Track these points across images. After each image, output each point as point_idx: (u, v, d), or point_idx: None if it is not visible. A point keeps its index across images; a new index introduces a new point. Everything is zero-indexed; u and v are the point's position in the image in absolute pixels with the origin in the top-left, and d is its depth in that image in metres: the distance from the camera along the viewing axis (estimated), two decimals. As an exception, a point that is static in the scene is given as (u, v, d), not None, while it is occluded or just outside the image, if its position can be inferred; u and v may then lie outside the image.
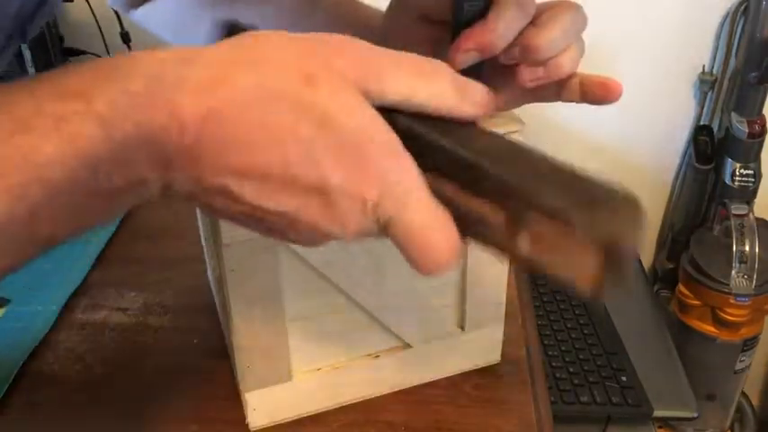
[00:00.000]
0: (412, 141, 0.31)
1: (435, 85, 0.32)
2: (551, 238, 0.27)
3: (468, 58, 0.38)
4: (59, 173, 0.27)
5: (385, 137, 0.30)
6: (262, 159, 0.29)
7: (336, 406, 0.52)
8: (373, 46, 0.32)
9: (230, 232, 0.42)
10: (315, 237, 0.31)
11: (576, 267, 0.27)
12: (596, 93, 0.41)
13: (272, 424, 0.51)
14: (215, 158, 0.29)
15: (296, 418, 0.52)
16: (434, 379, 0.55)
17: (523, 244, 0.28)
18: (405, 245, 0.31)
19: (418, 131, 0.31)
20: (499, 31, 0.38)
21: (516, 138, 0.42)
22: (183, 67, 0.29)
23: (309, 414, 0.52)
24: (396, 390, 0.54)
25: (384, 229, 0.31)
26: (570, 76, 0.41)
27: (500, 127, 0.44)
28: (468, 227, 0.31)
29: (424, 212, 0.31)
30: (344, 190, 0.29)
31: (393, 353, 0.53)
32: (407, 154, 0.31)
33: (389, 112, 0.31)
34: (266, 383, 0.49)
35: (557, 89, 0.42)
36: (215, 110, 0.28)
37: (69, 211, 0.28)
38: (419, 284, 0.50)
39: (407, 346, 0.53)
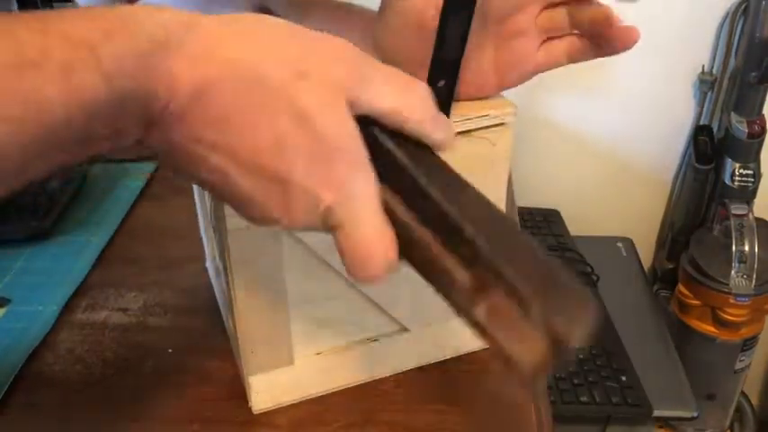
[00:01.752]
0: (380, 155, 0.32)
1: (413, 104, 0.33)
2: (507, 314, 0.28)
3: None
4: (58, 116, 0.28)
5: (355, 149, 0.31)
6: (235, 140, 0.30)
7: (337, 389, 0.53)
8: (368, 56, 0.33)
9: (235, 219, 0.43)
10: (258, 215, 0.33)
11: (521, 348, 0.28)
12: (615, 37, 0.47)
13: (275, 407, 0.52)
14: (194, 128, 0.30)
15: (298, 400, 0.52)
16: (431, 362, 0.56)
17: (480, 311, 0.29)
18: (346, 251, 0.32)
19: (390, 150, 0.32)
20: None
21: (510, 119, 0.44)
22: (186, 32, 0.30)
23: (310, 397, 0.53)
24: (395, 372, 0.54)
25: (330, 230, 0.33)
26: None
27: (494, 110, 0.45)
28: (416, 257, 0.32)
29: (371, 228, 0.32)
30: (303, 188, 0.31)
31: (391, 337, 0.53)
32: (372, 170, 0.32)
33: (366, 124, 0.32)
34: (268, 367, 0.50)
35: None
36: (207, 83, 0.29)
37: (56, 150, 0.29)
38: None
39: (405, 329, 0.54)
